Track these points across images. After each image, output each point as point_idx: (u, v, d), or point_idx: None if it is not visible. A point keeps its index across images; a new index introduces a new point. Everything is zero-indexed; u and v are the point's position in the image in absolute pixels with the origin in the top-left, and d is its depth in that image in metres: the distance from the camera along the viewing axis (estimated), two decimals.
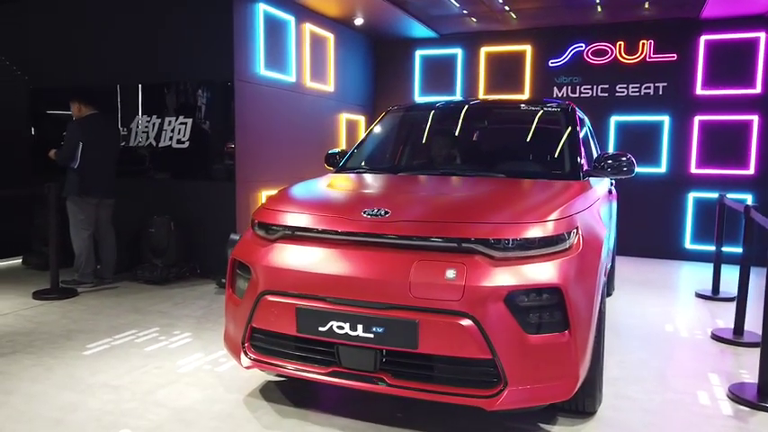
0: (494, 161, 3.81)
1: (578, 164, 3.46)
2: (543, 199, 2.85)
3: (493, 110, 4.33)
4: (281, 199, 3.05)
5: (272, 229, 2.81)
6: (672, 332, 4.44)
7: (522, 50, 8.02)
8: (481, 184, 3.16)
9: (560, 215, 2.60)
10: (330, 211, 2.75)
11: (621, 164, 3.48)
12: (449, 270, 2.40)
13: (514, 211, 2.60)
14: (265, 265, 2.71)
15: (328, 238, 2.66)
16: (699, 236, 7.39)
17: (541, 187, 3.12)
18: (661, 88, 7.43)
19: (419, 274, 2.41)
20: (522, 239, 2.45)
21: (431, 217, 2.60)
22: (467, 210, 2.68)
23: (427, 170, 3.68)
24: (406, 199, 2.91)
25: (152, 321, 4.37)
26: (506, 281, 2.37)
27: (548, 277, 2.41)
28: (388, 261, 2.50)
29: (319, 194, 3.11)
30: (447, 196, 2.96)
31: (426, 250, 2.49)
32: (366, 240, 2.58)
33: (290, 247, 2.72)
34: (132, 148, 6.09)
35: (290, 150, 6.54)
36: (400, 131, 4.44)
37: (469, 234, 2.46)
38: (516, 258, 2.44)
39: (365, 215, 2.63)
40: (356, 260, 2.54)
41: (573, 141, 3.62)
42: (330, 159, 4.14)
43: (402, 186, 3.30)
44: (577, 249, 2.57)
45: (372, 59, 8.68)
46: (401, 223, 2.56)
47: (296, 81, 6.67)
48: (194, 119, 5.84)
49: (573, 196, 2.91)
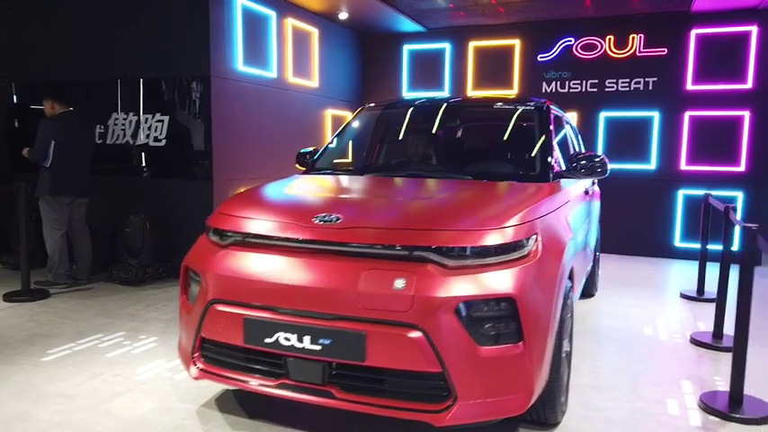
0: (463, 162, 3.71)
1: (548, 165, 3.35)
2: (505, 203, 2.75)
3: (467, 109, 4.21)
4: (235, 203, 2.96)
5: (225, 234, 2.72)
6: (651, 335, 4.34)
7: (511, 45, 7.89)
8: (444, 188, 3.06)
9: (520, 220, 2.51)
10: (282, 217, 2.65)
11: (595, 165, 3.38)
12: (398, 280, 2.31)
13: (471, 217, 2.51)
14: (214, 273, 2.62)
15: (278, 245, 2.57)
16: (688, 234, 7.27)
17: (506, 190, 3.02)
18: (651, 83, 7.30)
19: (368, 284, 2.32)
20: (477, 247, 2.36)
21: (383, 223, 2.50)
22: (421, 216, 2.58)
23: (394, 171, 3.58)
24: (360, 204, 2.81)
25: (119, 325, 4.29)
26: (457, 291, 2.28)
27: (501, 287, 2.32)
28: (337, 270, 2.41)
29: (275, 199, 3.02)
30: (404, 201, 2.86)
31: (377, 258, 2.40)
32: (316, 248, 2.49)
33: (240, 254, 2.63)
34: (109, 146, 6.00)
35: (273, 147, 6.44)
36: (373, 130, 4.34)
37: (421, 242, 2.36)
38: (470, 267, 2.35)
39: (316, 221, 2.54)
40: (305, 269, 2.45)
41: (545, 141, 3.52)
42: (301, 159, 4.05)
43: (362, 190, 3.20)
44: (535, 256, 2.48)
45: (360, 54, 8.56)
46: (352, 230, 2.46)
47: (277, 77, 6.56)
48: (171, 116, 5.74)
49: (537, 200, 2.81)
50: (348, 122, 4.15)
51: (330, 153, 3.94)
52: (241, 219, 2.73)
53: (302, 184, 3.30)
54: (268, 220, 2.66)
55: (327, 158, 3.88)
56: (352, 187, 3.26)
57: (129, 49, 5.83)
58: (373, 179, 3.37)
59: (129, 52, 5.83)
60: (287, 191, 3.09)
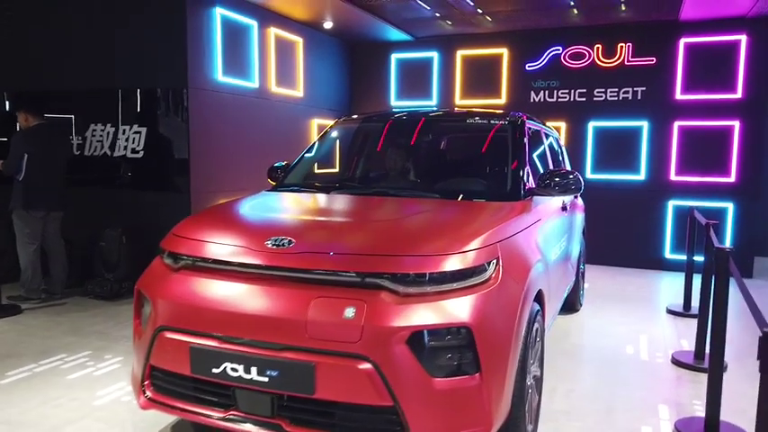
0: (434, 180, 3.61)
1: (520, 182, 3.25)
2: (468, 225, 2.64)
3: (443, 124, 4.11)
4: (190, 225, 2.86)
5: (179, 257, 2.63)
6: (632, 354, 4.22)
7: (499, 54, 7.80)
8: (408, 209, 2.96)
9: (480, 244, 2.41)
10: (234, 240, 2.55)
11: (569, 182, 3.28)
12: (348, 308, 2.21)
13: (429, 242, 2.41)
14: (163, 298, 2.53)
15: (228, 270, 2.47)
16: (678, 245, 7.15)
17: (471, 211, 2.92)
18: (640, 93, 7.20)
19: (317, 313, 2.22)
20: (434, 273, 2.26)
21: (336, 248, 2.41)
22: (377, 240, 2.48)
23: (361, 190, 3.48)
24: (316, 226, 2.71)
25: (86, 344, 4.18)
26: (410, 320, 2.18)
27: (456, 315, 2.22)
28: (287, 297, 2.31)
29: (231, 220, 2.91)
30: (363, 223, 2.75)
31: (328, 285, 2.30)
32: (266, 274, 2.39)
33: (190, 279, 2.53)
34: (87, 158, 5.91)
35: (255, 158, 6.34)
36: (349, 145, 4.25)
37: (375, 268, 2.27)
38: (425, 294, 2.25)
39: (269, 245, 2.44)
40: (253, 296, 2.35)
41: (517, 157, 3.41)
42: (272, 173, 3.96)
43: (322, 210, 3.10)
44: (496, 281, 2.37)
45: (347, 63, 8.48)
46: (303, 255, 2.37)
47: (259, 87, 6.48)
48: (149, 127, 5.66)
49: (502, 220, 2.71)
50: (322, 136, 4.05)
51: (300, 168, 3.84)
52: (194, 241, 2.64)
53: (263, 203, 3.20)
54: (220, 243, 2.56)
55: (297, 174, 3.78)
56: (314, 207, 3.16)
57: (106, 59, 5.75)
58: (338, 198, 3.26)
59: (107, 63, 5.75)
60: (245, 211, 2.99)
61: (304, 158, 3.92)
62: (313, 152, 3.99)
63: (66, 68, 5.94)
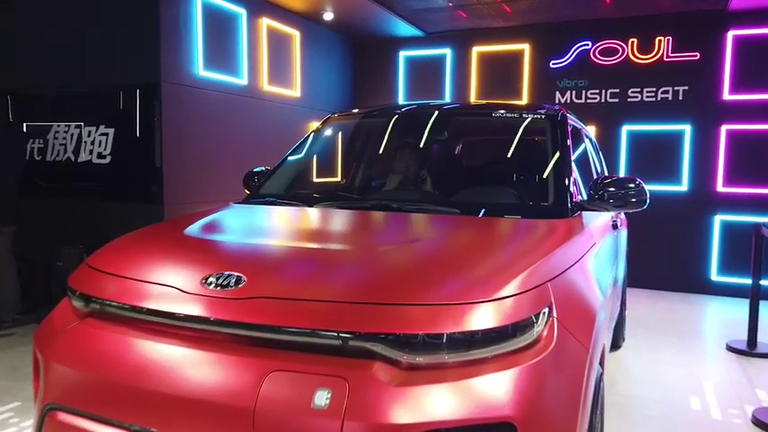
0: (449, 190, 2.79)
1: (566, 194, 2.43)
2: (501, 255, 1.82)
3: (460, 119, 3.28)
4: (113, 251, 2.07)
5: (90, 299, 1.83)
6: (700, 411, 3.35)
7: (520, 50, 6.99)
8: (415, 229, 2.14)
9: (523, 285, 1.59)
10: (162, 276, 1.75)
11: (628, 193, 2.44)
12: (319, 390, 1.40)
13: (446, 282, 1.59)
14: (57, 361, 1.73)
15: (147, 321, 1.67)
16: (727, 266, 6.26)
17: (505, 233, 2.09)
18: (681, 92, 6.35)
19: (272, 396, 1.42)
20: (453, 334, 1.45)
21: (305, 290, 1.59)
22: (369, 278, 1.66)
23: (354, 202, 2.66)
24: (279, 257, 1.89)
25: (18, 391, 3.38)
26: (419, 411, 1.38)
27: (491, 403, 1.41)
28: (228, 369, 1.50)
29: (169, 245, 2.09)
30: (348, 251, 1.92)
31: (291, 350, 1.49)
32: (200, 329, 1.59)
33: (96, 333, 1.74)
34: (49, 164, 5.15)
35: (242, 165, 5.51)
36: (346, 147, 3.44)
37: (363, 324, 1.46)
38: (439, 367, 1.45)
39: (206, 285, 1.64)
40: (180, 364, 1.54)
41: (561, 161, 2.59)
42: (249, 181, 3.18)
43: (294, 232, 2.27)
44: (549, 343, 1.56)
45: (350, 61, 7.70)
46: (254, 302, 1.56)
47: (249, 84, 5.70)
48: (117, 128, 4.89)
49: (550, 248, 1.88)
50: (310, 135, 3.26)
51: (281, 175, 3.04)
52: (110, 278, 1.84)
53: (219, 221, 2.39)
54: (140, 280, 1.76)
55: (276, 183, 2.98)
56: (285, 227, 2.35)
57: (69, 51, 5.00)
58: (322, 214, 2.44)
59: (70, 55, 4.99)
60: (192, 232, 2.17)
61: (286, 163, 3.12)
62: (299, 155, 3.20)
63: (24, 64, 5.20)
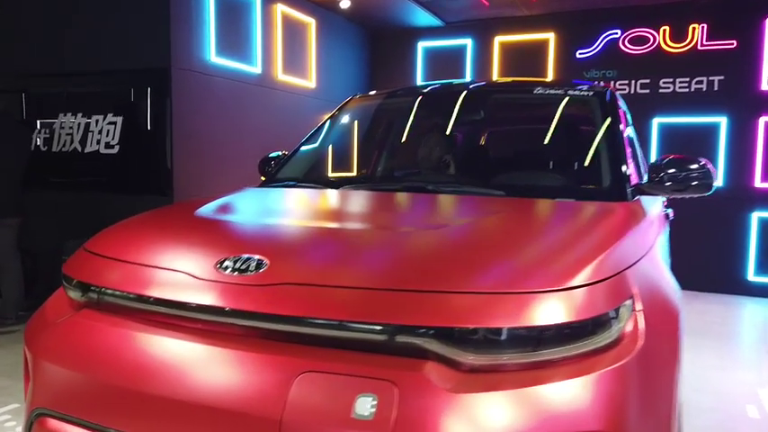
0: (491, 171, 2.52)
1: (623, 176, 2.16)
2: (565, 239, 1.55)
3: (496, 97, 3.01)
4: (114, 235, 1.82)
5: (87, 288, 1.59)
6: (759, 421, 3.05)
7: (544, 39, 6.70)
8: (461, 210, 1.87)
9: (599, 274, 1.32)
10: (171, 261, 1.50)
11: (690, 175, 2.17)
12: (362, 397, 1.14)
13: (509, 266, 1.33)
14: (47, 359, 1.49)
15: (153, 312, 1.42)
16: (765, 266, 5.93)
17: (562, 215, 1.82)
18: (716, 83, 6.03)
19: (303, 403, 1.16)
20: (521, 330, 1.18)
21: (339, 275, 1.33)
22: (415, 263, 1.39)
23: (386, 184, 2.40)
24: (307, 238, 1.63)
25: (18, 392, 3.15)
26: (489, 425, 1.11)
27: (577, 416, 1.14)
28: (249, 369, 1.24)
29: (174, 227, 1.84)
30: (388, 232, 1.66)
31: (324, 347, 1.24)
32: (215, 321, 1.34)
33: (94, 326, 1.49)
34: (55, 155, 4.93)
35: (254, 157, 5.30)
36: (367, 129, 3.19)
37: (413, 316, 1.20)
38: (507, 370, 1.18)
39: (221, 269, 1.38)
40: (192, 363, 1.29)
41: (613, 141, 2.32)
42: (265, 167, 2.96)
43: (321, 214, 2.01)
44: (635, 342, 1.29)
45: (367, 52, 7.45)
46: (280, 288, 1.30)
47: (263, 73, 5.46)
48: (125, 117, 4.66)
49: (620, 233, 1.60)
50: (331, 118, 3.01)
51: (300, 160, 2.80)
52: (111, 263, 1.60)
53: (235, 204, 2.13)
54: (146, 265, 1.51)
55: (295, 167, 2.74)
56: (310, 208, 2.09)
57: (74, 36, 4.78)
58: (350, 196, 2.18)
59: (75, 40, 4.78)
60: (204, 214, 1.92)
61: (306, 147, 2.87)
62: (319, 139, 2.94)
63: (30, 50, 4.99)
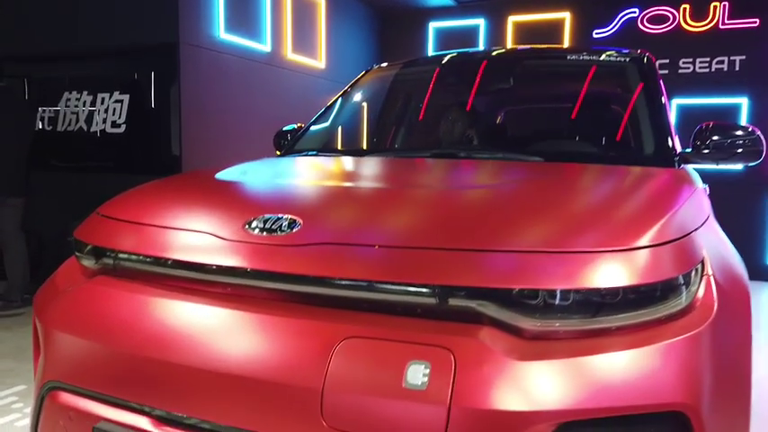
0: (524, 138, 2.38)
1: (669, 141, 2.03)
2: (621, 200, 1.42)
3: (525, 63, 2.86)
4: (129, 200, 1.68)
5: (102, 253, 1.47)
6: None
7: (560, 19, 6.53)
8: (502, 172, 1.74)
9: (665, 234, 1.18)
10: (194, 222, 1.37)
11: (735, 142, 2.05)
12: (414, 365, 1.02)
13: (568, 225, 1.20)
14: (59, 329, 1.37)
15: (174, 276, 1.30)
16: None
17: (615, 177, 1.69)
18: (738, 63, 5.86)
19: (346, 373, 1.04)
20: (585, 292, 1.05)
21: (383, 234, 1.21)
22: (465, 220, 1.26)
23: (411, 151, 2.27)
24: (340, 197, 1.50)
25: (25, 373, 3.05)
26: (553, 397, 0.98)
27: (657, 388, 1.02)
28: (284, 335, 1.12)
29: (195, 189, 1.72)
30: (429, 193, 1.53)
31: (368, 312, 1.11)
32: (245, 285, 1.21)
33: (110, 293, 1.38)
34: (60, 135, 4.81)
35: (262, 137, 5.16)
36: (385, 100, 3.06)
37: (467, 276, 1.07)
38: (574, 336, 1.05)
39: (250, 230, 1.25)
40: (218, 330, 1.17)
41: (655, 107, 2.20)
42: (280, 140, 2.84)
43: (352, 176, 1.89)
44: (709, 309, 1.16)
45: (377, 33, 7.29)
46: (317, 248, 1.17)
47: (272, 51, 5.32)
48: (132, 95, 4.53)
49: (679, 196, 1.47)
50: (349, 88, 2.87)
51: (318, 131, 2.67)
52: (128, 226, 1.47)
53: (256, 169, 2.01)
54: (164, 227, 1.38)
55: (313, 138, 2.61)
56: (339, 172, 1.96)
57: (78, 9, 4.63)
58: (378, 162, 2.06)
59: (82, 16, 4.64)
60: (225, 177, 1.80)
61: (323, 119, 2.74)
62: (337, 111, 2.81)
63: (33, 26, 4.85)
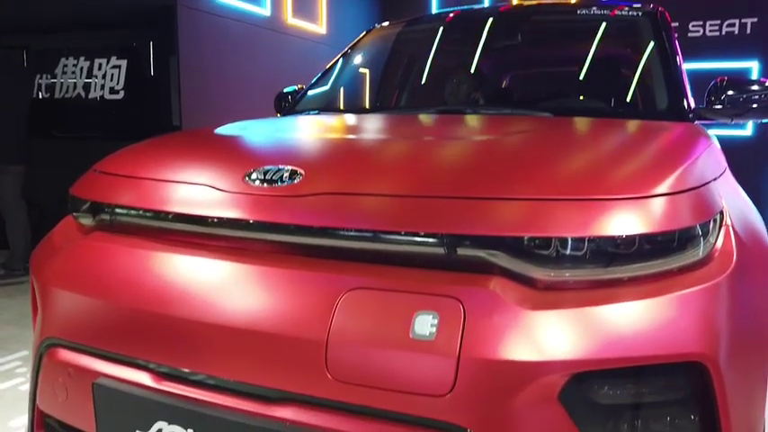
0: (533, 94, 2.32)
1: (683, 96, 1.97)
2: (639, 148, 1.37)
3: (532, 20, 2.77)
4: (126, 156, 1.63)
5: (99, 209, 1.43)
6: None
7: None
8: (508, 125, 1.69)
9: (684, 182, 1.13)
10: (188, 175, 1.32)
11: (751, 97, 1.99)
12: (421, 315, 0.99)
13: (581, 172, 1.15)
14: (56, 285, 1.34)
15: (172, 229, 1.26)
16: None
17: (629, 129, 1.64)
18: (749, 25, 5.72)
19: (351, 324, 1.01)
20: (601, 240, 0.99)
21: (389, 183, 1.16)
22: (472, 171, 1.20)
23: (416, 108, 2.21)
24: (343, 148, 1.45)
25: (26, 340, 3.05)
26: (566, 347, 0.94)
27: (674, 338, 0.99)
28: (286, 287, 1.08)
29: (193, 144, 1.67)
30: (434, 144, 1.47)
31: (373, 263, 1.06)
32: (246, 237, 1.17)
33: (107, 248, 1.34)
34: (58, 102, 4.74)
35: (262, 103, 5.09)
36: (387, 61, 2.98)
37: (475, 225, 1.02)
38: (587, 286, 1.00)
39: (250, 181, 1.20)
40: (221, 285, 1.13)
41: (669, 61, 2.13)
42: (281, 102, 2.78)
43: (355, 129, 1.83)
44: (729, 260, 1.11)
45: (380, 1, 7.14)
46: (320, 198, 1.13)
47: (272, 15, 5.21)
48: (130, 60, 4.45)
49: (696, 147, 1.41)
50: (350, 49, 2.78)
51: (321, 91, 2.59)
52: (126, 181, 1.43)
53: (257, 126, 1.95)
54: (162, 180, 1.34)
55: (316, 97, 2.54)
56: (342, 127, 1.91)
57: None
58: (382, 117, 2.00)
59: None
60: (224, 132, 1.75)
61: (325, 80, 2.66)
62: (339, 71, 2.73)
63: None
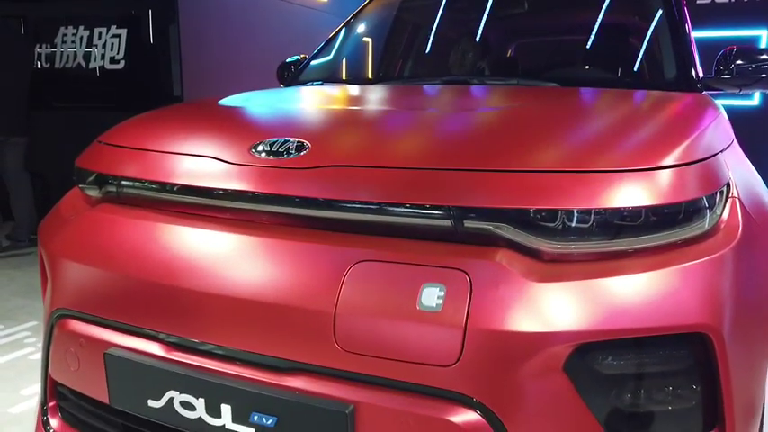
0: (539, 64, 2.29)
1: (691, 65, 1.95)
2: (646, 119, 1.37)
3: None
4: (131, 128, 1.62)
5: (105, 181, 1.43)
6: None
7: None
8: (514, 96, 1.67)
9: (690, 154, 1.13)
10: (194, 147, 1.32)
11: (760, 67, 1.98)
12: (428, 287, 1.00)
13: (587, 143, 1.15)
14: (65, 257, 1.36)
15: (179, 201, 1.27)
16: None
17: (637, 100, 1.63)
18: None
19: (359, 296, 1.02)
20: (606, 212, 1.00)
21: (396, 156, 1.16)
22: (478, 143, 1.20)
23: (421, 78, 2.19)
24: (349, 119, 1.45)
25: (36, 311, 3.09)
26: (571, 318, 0.96)
27: (678, 309, 1.00)
28: (295, 261, 1.09)
29: (197, 115, 1.67)
30: (441, 116, 1.47)
31: (380, 236, 1.07)
32: (253, 209, 1.18)
33: (115, 220, 1.35)
34: (57, 72, 4.70)
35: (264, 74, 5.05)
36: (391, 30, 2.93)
37: (482, 198, 1.03)
38: (593, 258, 1.02)
39: (255, 153, 1.20)
40: (229, 257, 1.14)
41: (677, 30, 2.10)
42: (284, 72, 2.75)
43: (360, 100, 1.82)
44: (735, 232, 1.12)
45: None
46: (327, 171, 1.13)
47: None
48: (130, 29, 4.39)
49: (704, 118, 1.41)
50: (355, 16, 2.74)
51: (324, 61, 2.56)
52: (131, 152, 1.43)
53: (261, 97, 1.93)
54: (168, 152, 1.34)
55: (320, 67, 2.51)
56: (347, 98, 1.90)
57: None
58: (387, 88, 1.98)
59: None
60: (229, 103, 1.74)
61: (328, 49, 2.63)
62: (339, 41, 2.69)
63: None
